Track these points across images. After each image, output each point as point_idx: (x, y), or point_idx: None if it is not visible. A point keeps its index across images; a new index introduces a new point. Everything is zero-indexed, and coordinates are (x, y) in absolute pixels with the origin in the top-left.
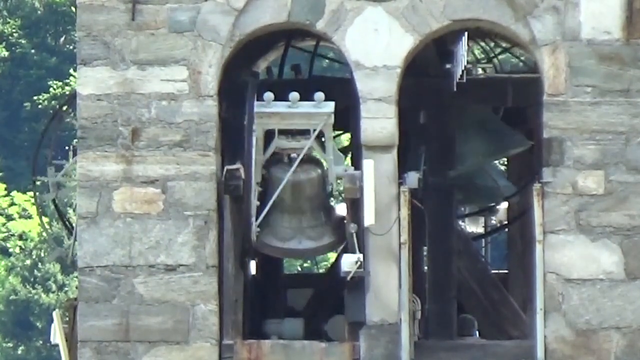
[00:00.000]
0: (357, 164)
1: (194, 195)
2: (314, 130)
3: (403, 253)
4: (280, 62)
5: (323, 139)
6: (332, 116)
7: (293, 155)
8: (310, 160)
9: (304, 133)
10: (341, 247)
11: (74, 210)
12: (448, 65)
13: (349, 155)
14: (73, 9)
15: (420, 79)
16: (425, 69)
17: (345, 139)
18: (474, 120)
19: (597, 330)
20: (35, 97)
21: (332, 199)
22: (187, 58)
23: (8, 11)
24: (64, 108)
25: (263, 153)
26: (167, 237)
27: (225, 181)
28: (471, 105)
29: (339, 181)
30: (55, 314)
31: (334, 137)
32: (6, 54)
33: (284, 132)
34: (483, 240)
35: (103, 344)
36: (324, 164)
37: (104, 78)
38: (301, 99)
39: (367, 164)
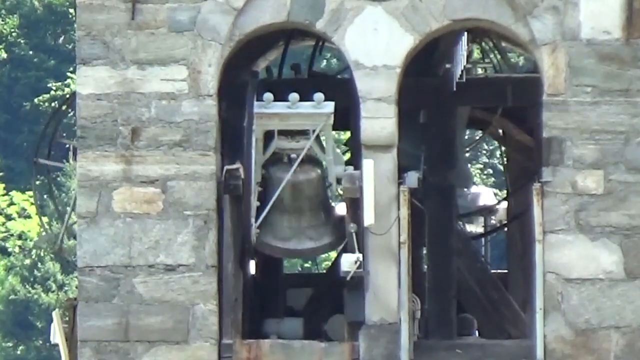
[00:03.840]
0: (356, 163)
1: (193, 195)
2: (314, 131)
3: (403, 253)
4: (280, 61)
5: (323, 139)
6: (332, 117)
7: (293, 155)
8: (309, 161)
9: (304, 133)
10: (341, 247)
11: (73, 210)
12: (448, 65)
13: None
14: (72, 10)
15: (420, 79)
16: (424, 69)
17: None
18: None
19: (597, 330)
20: (35, 99)
21: (331, 199)
22: (186, 57)
23: (7, 10)
24: (64, 108)
25: (263, 153)
26: (166, 237)
27: (225, 181)
28: (471, 105)
29: (339, 184)
30: (55, 314)
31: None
32: (5, 56)
33: (283, 133)
34: (483, 240)
35: (103, 343)
36: (324, 163)
37: (104, 78)
38: (301, 99)
39: (367, 163)
